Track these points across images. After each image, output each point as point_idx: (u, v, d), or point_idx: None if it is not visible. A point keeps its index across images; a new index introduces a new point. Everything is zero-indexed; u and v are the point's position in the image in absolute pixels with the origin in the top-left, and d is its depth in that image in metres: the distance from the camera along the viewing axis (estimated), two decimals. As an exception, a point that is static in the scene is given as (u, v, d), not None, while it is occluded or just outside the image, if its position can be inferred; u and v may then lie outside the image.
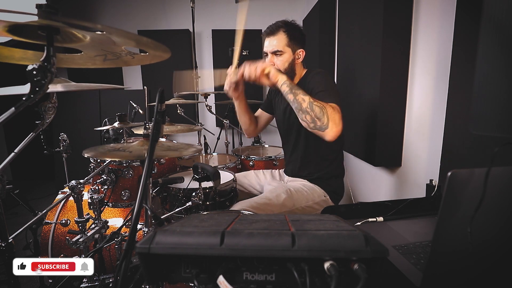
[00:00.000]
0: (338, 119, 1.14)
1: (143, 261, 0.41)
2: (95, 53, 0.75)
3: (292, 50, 1.38)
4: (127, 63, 0.81)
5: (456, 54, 1.09)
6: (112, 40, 0.65)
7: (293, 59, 1.39)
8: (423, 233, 0.85)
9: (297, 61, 1.41)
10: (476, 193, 0.51)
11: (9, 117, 0.63)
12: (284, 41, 1.36)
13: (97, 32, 0.58)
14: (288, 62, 1.38)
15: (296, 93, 1.14)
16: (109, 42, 0.67)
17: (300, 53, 1.40)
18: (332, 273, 0.37)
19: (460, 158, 1.08)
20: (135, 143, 1.09)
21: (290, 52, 1.38)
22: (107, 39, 0.65)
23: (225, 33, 3.57)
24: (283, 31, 1.36)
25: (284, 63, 1.38)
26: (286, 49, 1.37)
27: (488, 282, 0.59)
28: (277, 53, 1.37)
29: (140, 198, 0.50)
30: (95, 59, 0.79)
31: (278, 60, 1.38)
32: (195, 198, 1.18)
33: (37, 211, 1.22)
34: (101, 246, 1.11)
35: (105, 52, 0.73)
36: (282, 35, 1.36)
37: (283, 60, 1.38)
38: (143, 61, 0.82)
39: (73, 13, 3.53)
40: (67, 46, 0.70)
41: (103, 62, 0.81)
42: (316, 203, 1.39)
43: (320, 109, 1.11)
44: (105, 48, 0.71)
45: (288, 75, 1.29)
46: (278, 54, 1.37)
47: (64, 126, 2.93)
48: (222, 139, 2.66)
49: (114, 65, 0.83)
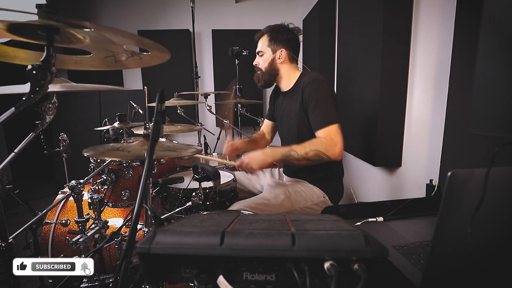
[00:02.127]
0: (335, 141, 1.26)
1: (143, 261, 0.41)
2: (103, 54, 0.75)
3: (272, 50, 1.46)
4: (137, 64, 0.81)
5: (456, 54, 1.09)
6: (111, 40, 0.65)
7: (272, 59, 1.47)
8: (423, 233, 0.85)
9: (278, 60, 1.47)
10: (476, 193, 0.51)
11: (9, 117, 0.63)
12: (265, 42, 1.47)
13: (85, 29, 0.58)
14: (268, 62, 1.48)
15: (291, 161, 1.26)
16: (108, 42, 0.67)
17: (281, 53, 1.45)
18: (332, 273, 0.37)
19: (460, 158, 1.08)
20: (135, 143, 1.09)
21: (270, 52, 1.47)
22: (105, 39, 0.65)
23: (225, 33, 3.58)
24: (266, 33, 1.48)
25: (264, 62, 1.49)
26: (266, 49, 1.48)
27: (488, 282, 0.59)
28: (259, 53, 1.50)
29: (140, 198, 0.50)
30: (106, 60, 0.79)
31: (260, 59, 1.50)
32: (195, 198, 1.18)
33: (37, 211, 1.22)
34: (101, 246, 1.11)
35: (111, 52, 0.73)
36: (264, 37, 1.48)
37: (263, 59, 1.49)
38: (150, 61, 0.80)
39: (73, 13, 3.54)
40: (68, 47, 0.70)
41: (115, 64, 0.80)
42: (315, 204, 1.39)
43: (316, 155, 1.24)
44: (107, 48, 0.71)
45: (269, 75, 1.48)
46: (260, 55, 1.50)
47: (64, 126, 2.93)
48: (222, 139, 2.66)
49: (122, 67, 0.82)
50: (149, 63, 0.79)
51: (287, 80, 1.49)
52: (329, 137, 1.26)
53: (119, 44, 0.68)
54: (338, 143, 1.25)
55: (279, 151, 1.28)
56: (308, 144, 1.26)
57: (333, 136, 1.26)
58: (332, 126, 1.27)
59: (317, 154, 1.23)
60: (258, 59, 1.51)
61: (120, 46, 0.69)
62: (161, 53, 0.71)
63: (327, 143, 1.25)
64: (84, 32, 0.62)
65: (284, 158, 1.27)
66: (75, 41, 0.67)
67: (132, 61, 0.79)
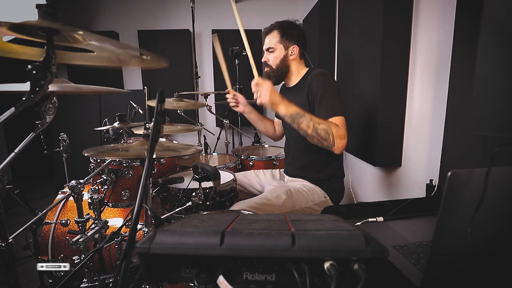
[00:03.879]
0: (343, 133, 1.22)
1: (143, 261, 0.41)
2: (106, 53, 0.75)
3: (284, 46, 1.42)
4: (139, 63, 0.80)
5: (456, 54, 1.09)
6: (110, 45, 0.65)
7: (285, 55, 1.43)
8: (423, 233, 0.85)
9: (290, 57, 1.44)
10: (476, 193, 0.51)
11: (9, 117, 0.63)
12: (276, 38, 1.42)
13: (78, 33, 0.58)
14: (280, 59, 1.43)
15: (300, 122, 1.21)
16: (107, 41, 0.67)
17: (293, 50, 1.43)
18: (332, 273, 0.37)
19: (460, 158, 1.08)
20: (135, 143, 1.09)
21: (282, 48, 1.43)
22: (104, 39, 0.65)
23: (225, 33, 3.56)
24: (276, 29, 1.42)
25: (276, 59, 1.44)
26: (277, 46, 1.43)
27: (488, 282, 0.59)
28: (269, 50, 1.44)
29: (140, 198, 0.50)
30: (109, 57, 0.79)
31: (270, 56, 1.45)
32: (195, 198, 1.18)
33: (37, 211, 1.22)
34: (101, 246, 1.11)
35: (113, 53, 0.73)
36: (275, 33, 1.43)
37: (274, 56, 1.44)
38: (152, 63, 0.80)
39: (73, 13, 3.54)
40: (69, 46, 0.70)
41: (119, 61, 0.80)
42: (316, 204, 1.39)
43: (325, 132, 1.19)
44: (107, 49, 0.71)
45: (280, 72, 1.42)
46: (271, 51, 1.44)
47: (64, 126, 2.93)
48: (222, 139, 2.66)
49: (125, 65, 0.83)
50: (150, 64, 0.79)
51: (295, 76, 1.49)
52: (341, 125, 1.24)
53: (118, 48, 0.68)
54: (344, 137, 1.23)
55: (294, 108, 1.23)
56: (322, 120, 1.22)
57: (341, 127, 1.24)
58: (340, 118, 1.26)
59: (326, 132, 1.18)
60: (268, 55, 1.45)
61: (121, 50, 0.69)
62: (160, 61, 0.71)
63: (339, 130, 1.21)
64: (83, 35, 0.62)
65: (295, 115, 1.21)
66: (75, 41, 0.67)
67: (134, 61, 0.79)
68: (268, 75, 1.48)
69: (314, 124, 1.19)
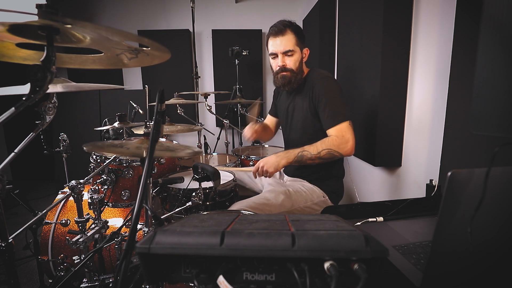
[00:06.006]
0: (347, 137, 1.27)
1: (143, 261, 0.41)
2: (113, 52, 0.75)
3: (300, 49, 1.40)
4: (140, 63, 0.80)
5: (456, 54, 1.09)
6: (109, 38, 0.65)
7: (302, 58, 1.42)
8: (423, 233, 0.85)
9: (303, 60, 1.44)
10: (476, 193, 0.51)
11: (9, 117, 0.63)
12: (293, 40, 1.35)
13: (67, 25, 0.57)
14: (299, 62, 1.39)
15: (304, 161, 1.29)
16: (107, 40, 0.67)
17: (305, 52, 1.43)
18: (332, 273, 0.37)
19: (460, 158, 1.08)
20: (135, 141, 1.09)
21: (299, 51, 1.39)
22: (104, 38, 0.65)
23: (225, 33, 3.58)
24: (290, 30, 1.35)
25: (295, 62, 1.37)
26: (296, 49, 1.37)
27: (488, 282, 0.59)
28: (289, 53, 1.36)
29: (140, 198, 0.50)
30: (118, 59, 0.79)
31: (289, 60, 1.37)
32: (195, 198, 1.18)
33: (37, 211, 1.22)
34: (101, 246, 1.11)
35: (120, 50, 0.73)
36: (290, 35, 1.35)
37: (294, 59, 1.37)
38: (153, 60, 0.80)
39: (73, 13, 3.54)
40: (69, 46, 0.70)
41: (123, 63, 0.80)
42: (315, 204, 1.39)
43: (328, 153, 1.26)
44: (108, 46, 0.71)
45: (300, 75, 1.40)
46: (290, 54, 1.36)
47: (64, 126, 2.93)
48: (222, 139, 2.66)
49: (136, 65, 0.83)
50: (151, 62, 0.79)
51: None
52: (341, 135, 1.28)
53: (119, 42, 0.68)
54: (350, 140, 1.27)
55: (292, 153, 1.30)
56: (320, 144, 1.27)
57: (344, 133, 1.28)
58: (343, 124, 1.29)
59: (330, 153, 1.26)
60: (286, 59, 1.36)
61: (120, 43, 0.69)
62: (162, 52, 0.71)
63: (339, 140, 1.27)
64: (84, 32, 0.62)
65: (298, 159, 1.29)
66: (75, 40, 0.67)
67: (136, 61, 0.78)
68: (289, 80, 1.39)
69: (316, 155, 1.26)
